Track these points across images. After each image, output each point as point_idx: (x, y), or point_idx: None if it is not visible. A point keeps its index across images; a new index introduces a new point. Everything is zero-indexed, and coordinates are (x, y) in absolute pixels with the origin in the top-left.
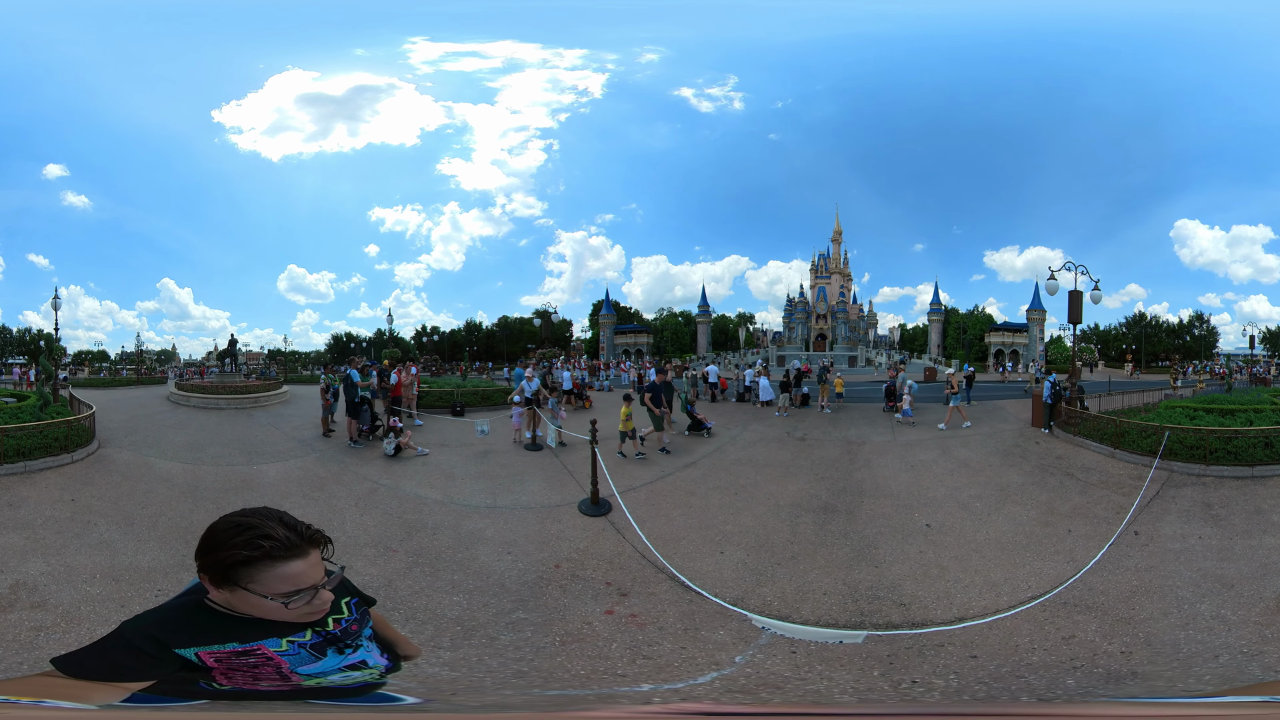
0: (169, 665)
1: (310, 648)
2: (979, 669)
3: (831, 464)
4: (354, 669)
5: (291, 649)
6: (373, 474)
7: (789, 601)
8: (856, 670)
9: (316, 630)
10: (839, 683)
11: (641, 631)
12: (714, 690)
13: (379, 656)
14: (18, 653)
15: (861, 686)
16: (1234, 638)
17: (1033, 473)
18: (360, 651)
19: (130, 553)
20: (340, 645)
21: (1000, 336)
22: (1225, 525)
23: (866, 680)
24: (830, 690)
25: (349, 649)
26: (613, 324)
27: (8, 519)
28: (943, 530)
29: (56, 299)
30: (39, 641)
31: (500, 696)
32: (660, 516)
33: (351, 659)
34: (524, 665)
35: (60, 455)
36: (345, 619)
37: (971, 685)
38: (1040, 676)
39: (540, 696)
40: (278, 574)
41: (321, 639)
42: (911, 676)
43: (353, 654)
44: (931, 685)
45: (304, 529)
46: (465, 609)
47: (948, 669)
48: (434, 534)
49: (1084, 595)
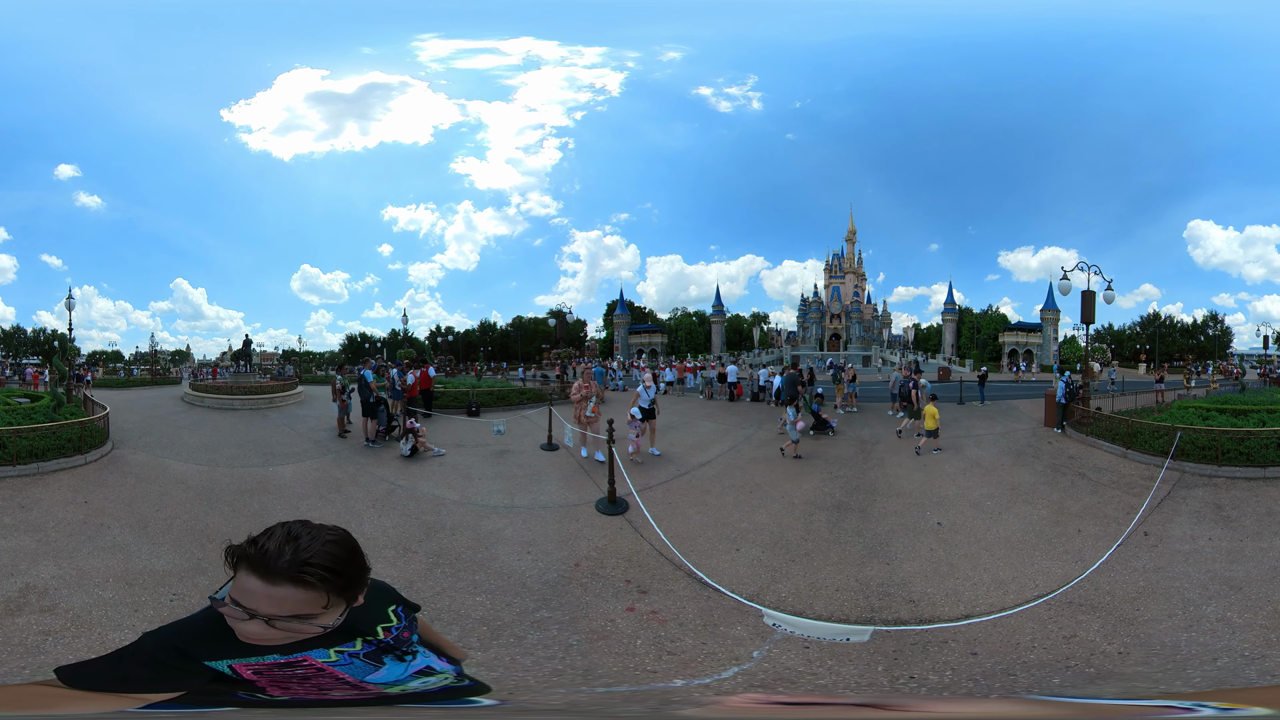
0: (195, 677)
1: (364, 657)
2: (975, 666)
3: (845, 463)
4: (424, 675)
5: (343, 659)
6: (389, 475)
7: (803, 597)
8: (862, 665)
9: (368, 640)
10: (844, 677)
11: (663, 628)
12: (737, 685)
13: (441, 661)
14: (23, 658)
15: (864, 681)
16: (1237, 641)
17: (1044, 472)
18: (420, 658)
19: (144, 556)
20: (398, 653)
21: (1014, 336)
22: (1236, 527)
23: (870, 675)
24: (836, 685)
25: (409, 655)
26: (627, 324)
27: (19, 521)
28: (954, 529)
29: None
30: (46, 646)
31: (565, 695)
32: (677, 515)
33: (416, 665)
34: (558, 664)
35: (74, 456)
36: (395, 626)
37: (962, 681)
38: (1031, 674)
39: (607, 694)
40: (240, 580)
41: (375, 648)
42: (910, 672)
43: (414, 660)
44: (927, 680)
45: (289, 560)
46: (489, 609)
47: (945, 665)
48: (453, 535)
49: (1089, 595)
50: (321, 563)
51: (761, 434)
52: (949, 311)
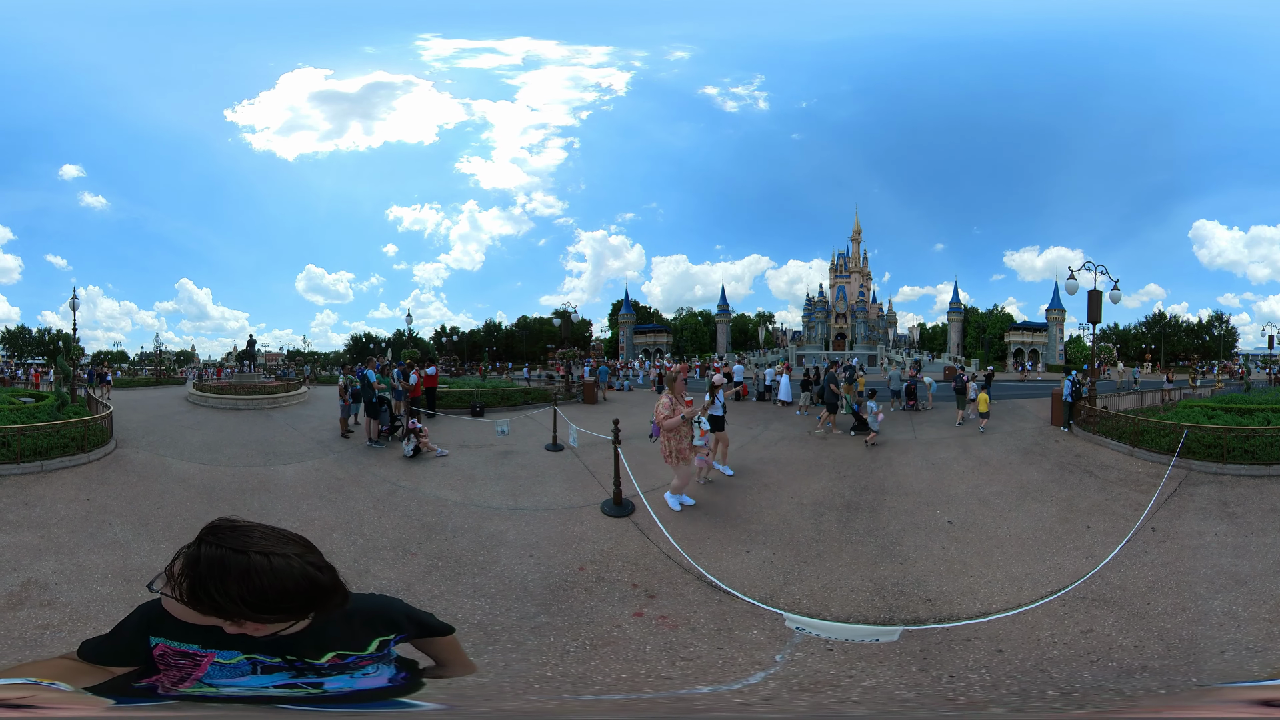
0: (142, 654)
1: (262, 669)
2: (1005, 663)
3: (853, 462)
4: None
5: (243, 665)
6: (392, 475)
7: (818, 599)
8: (895, 667)
9: (289, 659)
10: (883, 679)
11: (674, 633)
12: (770, 689)
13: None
14: (21, 650)
15: (906, 682)
16: (1242, 634)
17: (1052, 470)
18: (336, 679)
19: (144, 553)
20: (310, 672)
21: (1020, 336)
22: (1241, 523)
23: (907, 675)
24: (882, 686)
25: (315, 677)
26: (632, 324)
27: (23, 518)
28: (964, 527)
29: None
30: (44, 639)
31: (524, 702)
32: (684, 516)
33: (301, 680)
34: (549, 670)
35: (77, 455)
36: (354, 655)
37: (1003, 679)
38: (1061, 670)
39: (574, 702)
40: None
41: (284, 665)
42: (948, 672)
43: (315, 677)
44: (969, 680)
45: (184, 579)
46: (488, 613)
47: (978, 663)
48: (454, 536)
49: (1102, 590)
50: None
51: (768, 434)
52: (954, 311)
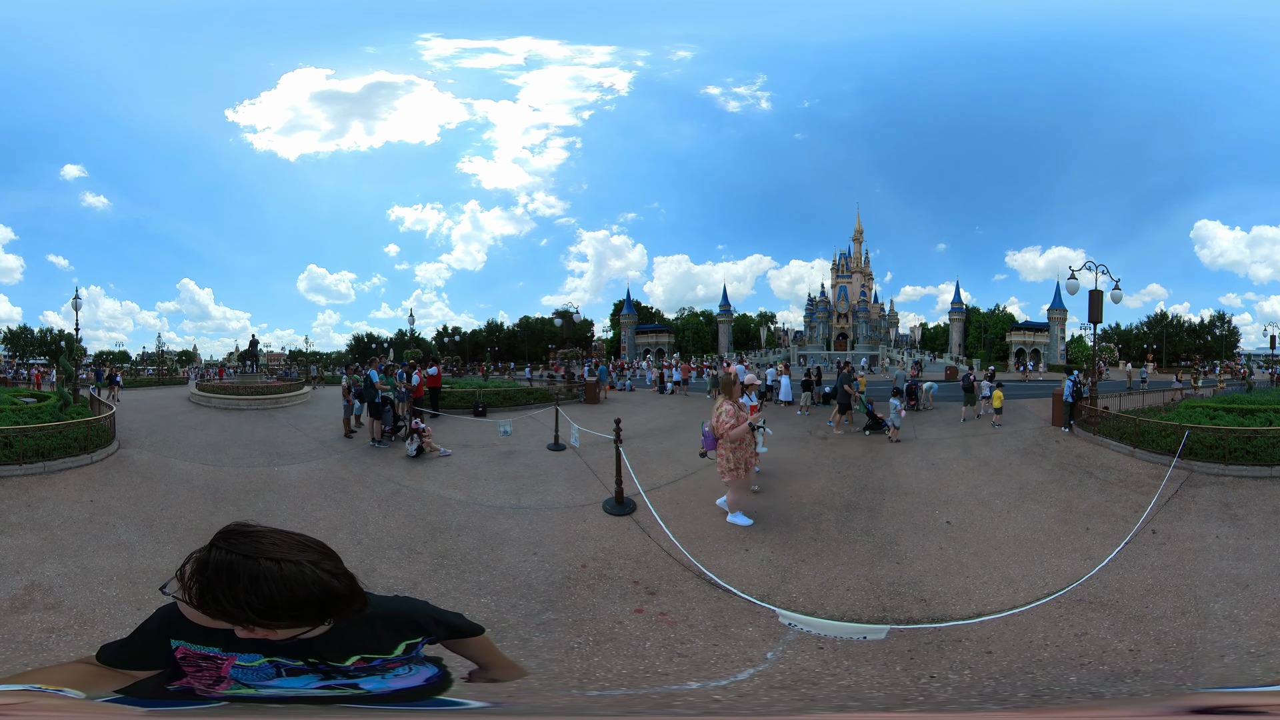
0: (163, 657)
1: (288, 672)
2: (992, 664)
3: (853, 462)
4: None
5: (266, 668)
6: (395, 475)
7: (814, 597)
8: (880, 665)
9: (311, 661)
10: (865, 678)
11: (673, 629)
12: (755, 687)
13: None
14: (26, 654)
15: (886, 681)
16: (1243, 638)
17: (1052, 471)
18: (369, 680)
19: (149, 555)
20: (338, 675)
21: (1021, 336)
22: (1243, 525)
23: (890, 675)
24: (859, 685)
25: (344, 679)
26: (634, 324)
27: (25, 519)
28: (962, 527)
29: (77, 299)
30: (49, 643)
31: (564, 699)
32: (685, 515)
33: (330, 681)
34: (556, 666)
35: (80, 456)
36: (380, 659)
37: (983, 680)
38: (1047, 672)
39: (603, 698)
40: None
41: (307, 668)
42: (930, 672)
43: (344, 679)
44: (947, 680)
45: (193, 584)
46: (494, 611)
47: (963, 664)
48: (458, 535)
49: (1099, 593)
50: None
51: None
52: (956, 311)
